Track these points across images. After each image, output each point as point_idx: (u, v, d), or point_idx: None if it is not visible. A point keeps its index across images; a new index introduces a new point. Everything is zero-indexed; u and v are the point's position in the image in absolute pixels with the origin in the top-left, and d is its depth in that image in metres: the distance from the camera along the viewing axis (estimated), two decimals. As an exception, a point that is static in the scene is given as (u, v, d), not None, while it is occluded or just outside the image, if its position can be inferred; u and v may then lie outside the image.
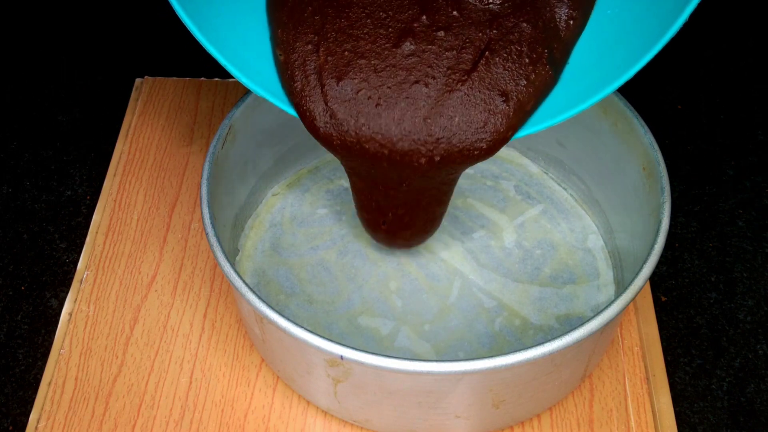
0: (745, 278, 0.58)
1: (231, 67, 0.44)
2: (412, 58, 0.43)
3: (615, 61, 0.43)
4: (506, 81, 0.43)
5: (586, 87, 0.43)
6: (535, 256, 0.54)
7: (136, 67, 0.68)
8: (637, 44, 0.42)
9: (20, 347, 0.54)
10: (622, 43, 0.43)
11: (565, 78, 0.44)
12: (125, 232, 0.56)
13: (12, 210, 0.62)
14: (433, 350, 0.50)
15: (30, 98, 0.69)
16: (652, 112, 0.56)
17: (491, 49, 0.43)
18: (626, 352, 0.50)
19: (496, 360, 0.40)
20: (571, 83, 0.44)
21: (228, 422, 0.48)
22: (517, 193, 0.57)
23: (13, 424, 0.51)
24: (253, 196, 0.55)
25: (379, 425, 0.46)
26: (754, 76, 0.71)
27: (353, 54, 0.43)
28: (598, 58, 0.44)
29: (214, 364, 0.50)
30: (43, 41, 0.74)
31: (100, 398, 0.49)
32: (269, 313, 0.42)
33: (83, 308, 0.52)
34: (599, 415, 0.48)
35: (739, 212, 0.61)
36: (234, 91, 0.65)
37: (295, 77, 0.44)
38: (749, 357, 0.54)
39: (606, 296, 0.52)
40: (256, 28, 0.46)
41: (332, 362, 0.42)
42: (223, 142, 0.49)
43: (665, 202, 0.46)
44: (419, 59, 0.43)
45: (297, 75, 0.44)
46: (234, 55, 0.44)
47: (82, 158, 0.65)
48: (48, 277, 0.58)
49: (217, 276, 0.54)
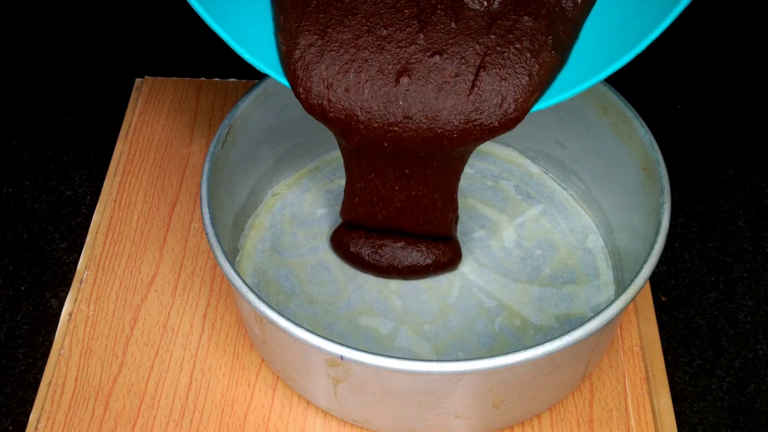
0: (745, 278, 0.58)
1: (228, 38, 0.44)
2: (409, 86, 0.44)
3: (629, 31, 0.43)
4: (506, 88, 0.43)
5: (600, 60, 0.43)
6: (535, 256, 0.54)
7: (136, 67, 0.68)
8: (652, 12, 0.42)
9: (20, 347, 0.54)
10: (635, 13, 0.43)
11: (577, 53, 0.44)
12: (125, 232, 0.56)
13: (12, 210, 0.62)
14: (433, 350, 0.50)
15: (30, 98, 0.69)
16: (652, 112, 0.56)
17: (485, 65, 0.43)
18: (626, 352, 0.50)
19: (496, 360, 0.40)
20: (583, 58, 0.44)
21: (228, 422, 0.48)
22: (517, 193, 0.57)
23: (13, 424, 0.51)
24: (253, 196, 0.55)
25: (379, 425, 0.46)
26: (754, 76, 0.71)
27: (355, 49, 0.44)
28: (611, 29, 0.44)
29: (214, 364, 0.50)
30: (43, 41, 0.74)
31: (100, 398, 0.49)
32: (269, 313, 0.42)
33: (83, 308, 0.52)
34: (599, 415, 0.48)
35: (739, 212, 0.61)
36: (234, 91, 0.65)
37: (297, 68, 0.44)
38: (749, 357, 0.54)
39: (606, 296, 0.52)
40: (257, 6, 0.46)
41: (332, 362, 0.42)
42: (223, 142, 0.49)
43: (665, 202, 0.46)
44: (414, 87, 0.44)
45: (299, 64, 0.44)
46: (233, 29, 0.45)
47: (82, 158, 0.65)
48: (48, 277, 0.58)
49: (217, 276, 0.54)
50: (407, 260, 0.51)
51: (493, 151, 0.59)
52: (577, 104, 0.53)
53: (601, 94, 0.52)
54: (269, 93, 0.53)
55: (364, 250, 0.52)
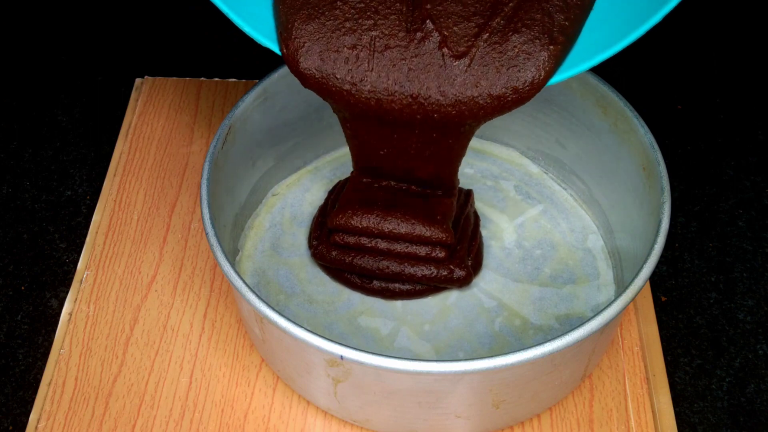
0: (745, 278, 0.58)
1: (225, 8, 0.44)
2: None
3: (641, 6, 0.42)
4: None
5: (614, 31, 0.43)
6: (535, 256, 0.54)
7: (136, 67, 0.68)
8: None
9: (20, 347, 0.54)
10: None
11: (590, 25, 0.44)
12: (125, 232, 0.56)
13: (12, 210, 0.62)
14: (433, 350, 0.50)
15: (30, 98, 0.69)
16: (652, 112, 0.56)
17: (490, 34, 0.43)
18: (626, 352, 0.50)
19: (496, 360, 0.40)
20: (595, 33, 0.44)
21: (228, 422, 0.48)
22: (517, 193, 0.57)
23: (13, 424, 0.51)
24: (253, 196, 0.55)
25: (379, 425, 0.46)
26: (754, 76, 0.71)
27: (359, 25, 0.44)
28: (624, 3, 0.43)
29: (214, 364, 0.50)
30: (43, 41, 0.74)
31: (100, 398, 0.49)
32: (269, 313, 0.42)
33: (83, 308, 0.52)
34: (599, 415, 0.48)
35: (739, 212, 0.61)
36: (234, 91, 0.65)
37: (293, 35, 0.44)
38: (749, 357, 0.54)
39: (606, 296, 0.52)
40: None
41: (332, 362, 0.42)
42: (223, 142, 0.49)
43: (665, 202, 0.46)
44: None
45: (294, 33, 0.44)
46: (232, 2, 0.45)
47: (82, 158, 0.65)
48: (48, 277, 0.58)
49: (217, 276, 0.54)
50: (401, 287, 0.51)
51: (493, 151, 0.59)
52: (577, 104, 0.53)
53: (601, 94, 0.52)
54: (269, 93, 0.53)
55: (353, 279, 0.52)
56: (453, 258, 0.50)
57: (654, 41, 0.42)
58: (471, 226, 0.53)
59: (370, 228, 0.49)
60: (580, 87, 0.52)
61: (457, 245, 0.51)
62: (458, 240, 0.51)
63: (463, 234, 0.52)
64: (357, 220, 0.50)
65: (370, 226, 0.49)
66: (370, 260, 0.50)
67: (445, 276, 0.50)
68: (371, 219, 0.49)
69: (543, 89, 0.43)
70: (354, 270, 0.51)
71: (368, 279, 0.51)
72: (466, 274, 0.50)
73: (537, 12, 0.43)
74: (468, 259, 0.51)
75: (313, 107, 0.55)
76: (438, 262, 0.50)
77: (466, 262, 0.51)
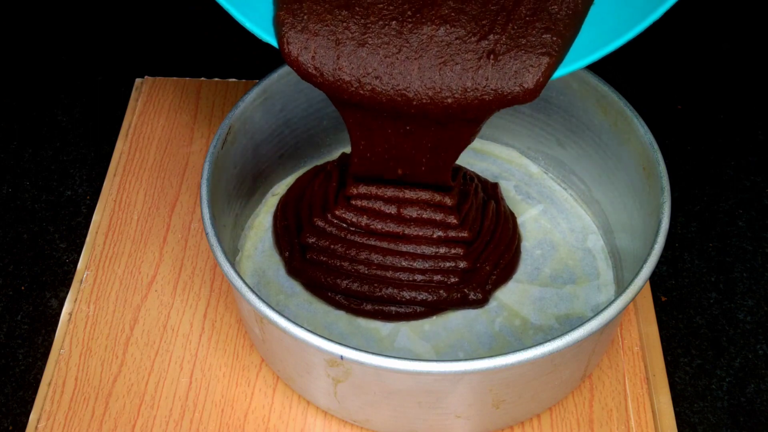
0: (745, 278, 0.58)
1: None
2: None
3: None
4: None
5: (615, 27, 0.43)
6: (535, 256, 0.54)
7: (136, 67, 0.68)
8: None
9: (20, 347, 0.54)
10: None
11: (591, 19, 0.44)
12: (125, 232, 0.56)
13: (12, 210, 0.62)
14: (433, 350, 0.50)
15: (30, 98, 0.69)
16: (652, 112, 0.56)
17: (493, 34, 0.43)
18: (626, 352, 0.50)
19: (496, 360, 0.40)
20: (598, 24, 0.44)
21: (228, 422, 0.48)
22: (517, 193, 0.57)
23: (13, 424, 0.51)
24: (253, 196, 0.55)
25: (379, 425, 0.46)
26: (754, 76, 0.71)
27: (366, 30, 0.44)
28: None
29: (214, 364, 0.50)
30: (43, 41, 0.74)
31: (100, 398, 0.49)
32: (269, 313, 0.42)
33: (83, 308, 0.52)
34: (599, 415, 0.48)
35: (739, 212, 0.61)
36: (234, 91, 0.65)
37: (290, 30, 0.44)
38: (749, 357, 0.54)
39: (606, 296, 0.52)
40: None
41: (332, 362, 0.42)
42: (223, 142, 0.49)
43: (665, 202, 0.46)
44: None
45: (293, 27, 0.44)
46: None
47: (82, 158, 0.65)
48: (48, 277, 0.58)
49: (217, 276, 0.54)
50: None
51: (493, 151, 0.59)
52: (577, 104, 0.53)
53: (601, 94, 0.52)
54: (269, 93, 0.53)
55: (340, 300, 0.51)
56: (471, 277, 0.50)
57: (654, 41, 0.42)
58: (498, 225, 0.52)
59: (388, 195, 0.50)
60: (580, 87, 0.52)
61: (481, 251, 0.51)
62: (483, 244, 0.51)
63: (487, 235, 0.52)
64: (375, 188, 0.50)
65: (387, 194, 0.50)
66: (364, 269, 0.50)
67: (458, 299, 0.50)
68: (388, 190, 0.50)
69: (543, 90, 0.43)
70: (340, 290, 0.50)
71: (357, 300, 0.50)
72: (482, 298, 0.50)
73: (538, 18, 0.43)
74: (493, 273, 0.51)
75: (313, 107, 0.55)
76: (454, 257, 0.50)
77: (484, 284, 0.50)
